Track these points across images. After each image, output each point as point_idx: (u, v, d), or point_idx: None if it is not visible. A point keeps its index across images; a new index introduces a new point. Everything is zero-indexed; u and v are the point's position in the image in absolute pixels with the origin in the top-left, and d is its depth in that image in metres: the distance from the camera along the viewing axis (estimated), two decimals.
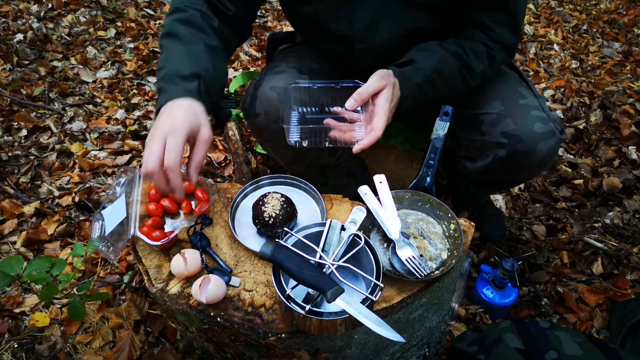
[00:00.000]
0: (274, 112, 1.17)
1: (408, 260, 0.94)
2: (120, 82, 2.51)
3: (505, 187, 1.59)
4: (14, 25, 2.75)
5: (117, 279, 1.51)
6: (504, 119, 1.18)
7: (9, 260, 1.13)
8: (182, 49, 0.99)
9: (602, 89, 2.66)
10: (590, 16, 3.74)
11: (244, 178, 1.84)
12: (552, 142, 1.17)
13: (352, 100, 0.99)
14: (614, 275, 1.63)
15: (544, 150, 1.16)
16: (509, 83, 1.26)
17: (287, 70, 1.23)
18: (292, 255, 0.82)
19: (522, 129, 1.16)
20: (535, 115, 1.17)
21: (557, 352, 1.10)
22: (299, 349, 0.92)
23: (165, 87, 0.93)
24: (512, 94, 1.22)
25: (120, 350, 1.32)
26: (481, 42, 1.14)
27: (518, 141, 1.16)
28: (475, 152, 1.29)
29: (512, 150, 1.17)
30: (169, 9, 1.10)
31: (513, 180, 1.40)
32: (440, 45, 1.13)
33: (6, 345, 1.34)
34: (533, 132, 1.15)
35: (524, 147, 1.16)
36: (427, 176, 1.10)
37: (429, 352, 1.20)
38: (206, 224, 1.09)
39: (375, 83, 1.00)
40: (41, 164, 1.94)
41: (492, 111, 1.21)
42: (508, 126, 1.17)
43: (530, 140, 1.15)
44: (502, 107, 1.20)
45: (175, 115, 0.87)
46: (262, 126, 1.22)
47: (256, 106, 1.20)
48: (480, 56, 1.14)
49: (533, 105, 1.19)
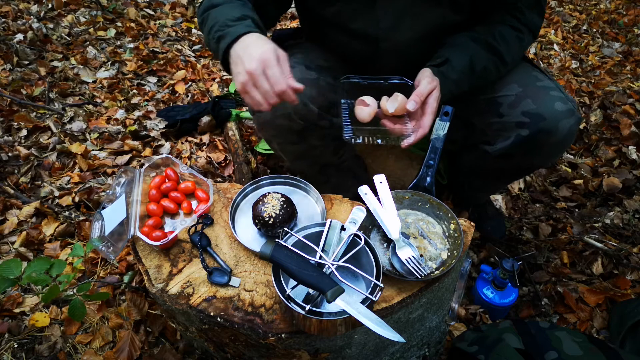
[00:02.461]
0: (280, 107, 1.15)
1: (408, 260, 0.94)
2: (120, 82, 2.51)
3: (517, 175, 1.56)
4: (14, 25, 2.75)
5: (117, 279, 1.51)
6: (523, 100, 1.20)
7: (7, 264, 1.13)
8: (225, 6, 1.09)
9: (602, 89, 2.66)
10: (590, 16, 3.74)
11: (244, 178, 1.84)
12: (572, 120, 1.18)
13: (413, 102, 1.07)
14: (614, 275, 1.63)
15: (565, 129, 1.18)
16: (522, 68, 1.28)
17: (295, 67, 1.21)
18: (292, 255, 0.82)
19: (543, 108, 1.17)
20: (555, 95, 1.18)
21: (557, 352, 1.10)
22: (299, 349, 0.92)
23: (224, 33, 1.00)
24: (528, 77, 1.24)
25: (120, 350, 1.32)
26: (510, 26, 1.18)
27: (540, 119, 1.17)
28: (493, 134, 1.29)
29: (535, 128, 1.18)
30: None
31: (527, 166, 1.40)
32: (471, 38, 1.18)
33: (6, 345, 1.34)
34: (554, 111, 1.16)
35: (547, 125, 1.17)
36: (427, 176, 1.10)
37: (429, 352, 1.20)
38: (207, 223, 1.09)
39: (429, 84, 1.09)
40: (41, 164, 1.94)
41: (510, 93, 1.22)
42: (528, 106, 1.18)
43: (552, 119, 1.16)
44: (520, 88, 1.22)
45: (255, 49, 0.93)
46: (268, 121, 1.21)
47: None
48: (509, 41, 1.18)
49: (550, 86, 1.21)
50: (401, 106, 1.08)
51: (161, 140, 2.12)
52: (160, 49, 2.82)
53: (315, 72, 1.22)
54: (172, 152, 2.08)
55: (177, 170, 1.21)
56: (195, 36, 3.01)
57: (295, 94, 1.00)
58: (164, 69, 2.65)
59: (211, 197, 1.12)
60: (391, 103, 1.10)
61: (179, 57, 2.76)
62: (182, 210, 1.14)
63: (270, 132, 1.26)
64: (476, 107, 1.26)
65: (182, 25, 3.11)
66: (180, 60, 2.73)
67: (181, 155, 2.05)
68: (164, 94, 2.46)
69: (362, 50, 1.26)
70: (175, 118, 2.16)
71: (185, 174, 1.24)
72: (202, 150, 2.10)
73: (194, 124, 2.17)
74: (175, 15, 3.19)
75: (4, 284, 1.10)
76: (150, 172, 1.22)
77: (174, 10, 3.23)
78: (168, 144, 2.10)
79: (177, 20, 3.14)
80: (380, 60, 1.28)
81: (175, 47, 2.86)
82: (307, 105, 1.17)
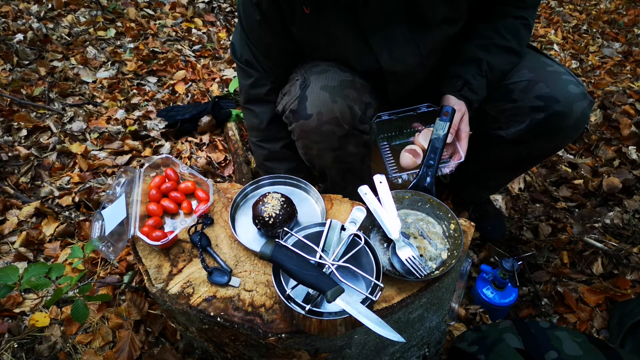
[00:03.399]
0: (327, 112, 1.13)
1: (408, 260, 0.94)
2: (120, 82, 2.51)
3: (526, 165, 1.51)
4: (14, 25, 2.74)
5: (117, 279, 1.51)
6: (536, 84, 1.20)
7: (4, 271, 1.13)
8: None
9: (602, 89, 2.66)
10: (590, 16, 3.74)
11: (244, 178, 1.84)
12: (585, 103, 1.19)
13: (450, 135, 1.12)
14: (614, 275, 1.63)
15: (579, 111, 1.19)
16: (530, 55, 1.29)
17: (330, 69, 1.20)
18: (292, 255, 0.82)
19: (557, 91, 1.18)
20: (567, 79, 1.20)
21: (557, 352, 1.10)
22: (299, 349, 0.92)
23: None
24: (538, 63, 1.25)
25: (120, 350, 1.32)
26: (513, 17, 1.20)
27: (555, 102, 1.18)
28: (506, 120, 1.29)
29: (550, 111, 1.19)
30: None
31: (539, 153, 1.40)
32: (481, 47, 1.20)
33: (6, 345, 1.34)
34: (568, 93, 1.17)
35: (562, 107, 1.18)
36: (427, 176, 1.10)
37: (429, 352, 1.20)
38: (207, 223, 1.09)
39: (458, 112, 1.15)
40: (41, 164, 1.94)
41: (522, 79, 1.23)
42: (542, 89, 1.19)
43: (566, 101, 1.17)
44: (531, 74, 1.22)
45: None
46: (314, 127, 1.15)
47: (307, 107, 1.15)
48: (515, 32, 1.20)
49: (561, 70, 1.22)
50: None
51: (161, 140, 2.12)
52: (160, 49, 2.82)
53: (350, 74, 1.20)
54: (172, 152, 2.08)
55: (177, 170, 1.21)
56: (195, 36, 3.01)
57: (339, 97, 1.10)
58: (164, 69, 2.65)
59: (211, 197, 1.12)
60: (424, 138, 1.16)
61: (179, 57, 2.76)
62: (182, 210, 1.14)
63: (314, 138, 1.20)
64: (488, 95, 1.26)
65: (182, 25, 3.10)
66: (180, 60, 2.73)
67: (181, 155, 2.05)
68: (164, 94, 2.46)
69: (373, 78, 1.26)
70: (175, 118, 2.16)
71: (185, 174, 1.24)
72: (202, 150, 2.10)
73: (194, 124, 2.17)
74: (175, 15, 3.19)
75: (3, 290, 1.11)
76: (150, 172, 1.22)
77: (174, 10, 3.23)
78: (168, 144, 2.10)
79: (177, 20, 3.14)
80: (392, 84, 1.27)
81: (175, 47, 2.86)
82: (352, 108, 1.15)
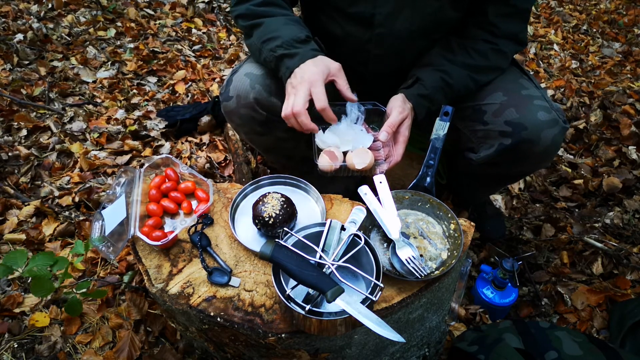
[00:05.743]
0: (244, 96, 1.20)
1: (408, 260, 0.94)
2: (120, 82, 2.51)
3: (507, 181, 1.58)
4: (14, 25, 2.74)
5: (117, 279, 1.51)
6: (506, 109, 1.20)
7: (13, 254, 1.17)
8: (281, 20, 1.15)
9: (602, 89, 2.66)
10: (590, 16, 3.74)
11: (244, 178, 1.84)
12: (555, 130, 1.18)
13: (385, 133, 1.12)
14: (614, 275, 1.63)
15: (549, 139, 1.18)
16: (509, 75, 1.28)
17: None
18: (292, 255, 0.82)
19: (526, 118, 1.17)
20: (538, 104, 1.18)
21: (557, 352, 1.10)
22: (299, 349, 0.92)
23: (291, 53, 1.09)
24: (514, 85, 1.24)
25: (120, 350, 1.32)
26: (482, 40, 1.20)
27: (522, 129, 1.17)
28: (478, 142, 1.30)
29: (517, 138, 1.18)
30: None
31: (516, 173, 1.40)
32: (444, 57, 1.20)
33: (6, 345, 1.34)
34: (537, 120, 1.16)
35: (529, 135, 1.17)
36: (427, 176, 1.10)
37: (429, 352, 1.20)
38: (207, 223, 1.09)
39: (400, 115, 1.14)
40: (41, 164, 1.94)
41: (495, 102, 1.23)
42: (511, 115, 1.19)
43: (534, 128, 1.17)
44: (505, 97, 1.22)
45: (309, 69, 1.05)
46: (233, 109, 1.24)
47: (230, 90, 1.23)
48: (484, 54, 1.20)
49: (535, 95, 1.21)
50: (370, 165, 1.08)
51: (161, 140, 2.12)
52: (160, 49, 2.81)
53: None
54: (172, 152, 2.08)
55: (177, 170, 1.21)
56: (195, 36, 3.01)
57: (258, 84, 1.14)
58: (164, 69, 2.65)
59: (211, 197, 1.12)
60: (358, 158, 1.09)
61: (179, 57, 2.75)
62: (182, 210, 1.14)
63: (236, 120, 1.28)
64: (463, 113, 1.26)
65: (182, 25, 3.10)
66: (180, 60, 2.73)
67: (181, 155, 2.05)
68: (164, 94, 2.46)
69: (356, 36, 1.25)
70: (175, 118, 2.16)
71: (185, 174, 1.24)
72: (202, 150, 2.10)
73: (194, 124, 2.17)
74: (175, 15, 3.18)
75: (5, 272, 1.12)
76: (150, 172, 1.22)
77: (174, 10, 3.23)
78: (168, 144, 2.10)
79: (177, 20, 3.14)
80: (370, 51, 1.27)
81: (175, 47, 2.86)
82: (269, 98, 1.19)
